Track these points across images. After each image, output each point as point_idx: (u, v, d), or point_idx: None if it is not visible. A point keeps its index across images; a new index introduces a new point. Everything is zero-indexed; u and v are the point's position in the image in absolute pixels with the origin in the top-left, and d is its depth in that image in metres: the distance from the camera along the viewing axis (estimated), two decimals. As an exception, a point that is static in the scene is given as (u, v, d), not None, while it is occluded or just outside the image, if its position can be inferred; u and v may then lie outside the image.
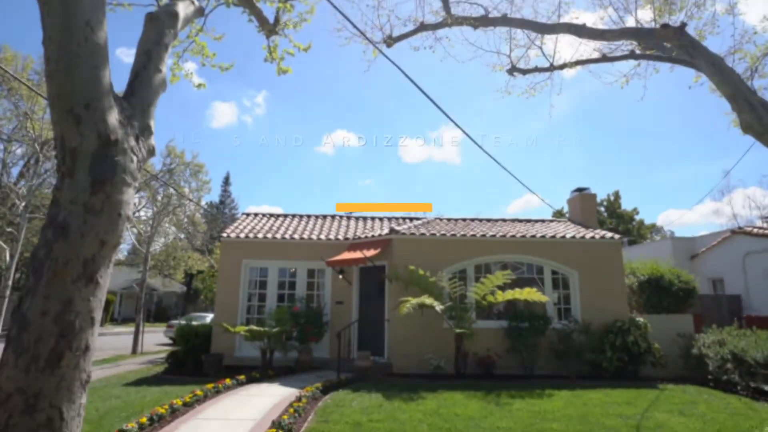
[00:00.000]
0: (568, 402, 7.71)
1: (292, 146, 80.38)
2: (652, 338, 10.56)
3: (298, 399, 7.57)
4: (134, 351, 17.50)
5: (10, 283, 11.75)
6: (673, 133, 71.56)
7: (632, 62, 8.65)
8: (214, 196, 52.01)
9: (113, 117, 3.28)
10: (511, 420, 6.56)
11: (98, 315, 3.07)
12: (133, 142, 3.45)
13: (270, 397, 8.21)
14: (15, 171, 22.04)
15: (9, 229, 15.22)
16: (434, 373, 10.09)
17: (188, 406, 7.44)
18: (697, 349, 10.16)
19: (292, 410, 6.82)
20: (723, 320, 13.61)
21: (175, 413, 6.98)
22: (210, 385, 8.56)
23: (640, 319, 10.83)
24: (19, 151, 18.73)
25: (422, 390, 8.48)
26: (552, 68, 8.47)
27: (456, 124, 6.93)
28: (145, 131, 3.64)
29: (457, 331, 10.08)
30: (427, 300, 9.92)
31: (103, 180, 3.16)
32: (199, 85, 7.74)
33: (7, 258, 12.00)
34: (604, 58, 8.13)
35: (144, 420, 6.31)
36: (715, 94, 8.39)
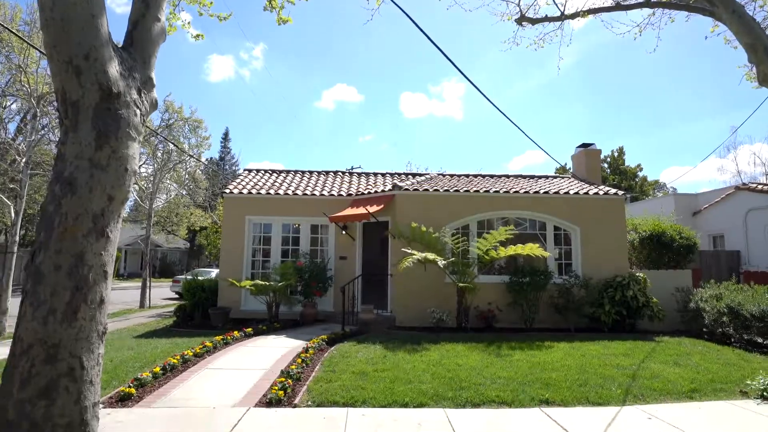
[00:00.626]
0: (567, 353, 7.94)
1: (292, 101, 78.76)
2: (651, 293, 10.75)
3: (305, 350, 7.80)
4: (142, 305, 17.94)
5: (17, 239, 11.84)
6: (679, 89, 69.90)
7: (647, 11, 8.29)
8: (213, 152, 51.67)
9: (114, 68, 3.18)
10: (512, 370, 6.79)
11: (110, 269, 3.11)
12: (135, 95, 3.37)
13: (277, 348, 8.46)
14: (12, 127, 21.74)
15: (12, 186, 15.21)
16: (436, 326, 10.35)
17: (199, 356, 7.68)
18: (695, 303, 10.36)
19: (299, 360, 7.05)
20: (722, 275, 13.81)
21: (186, 363, 7.23)
22: (219, 337, 8.82)
23: (640, 275, 10.99)
24: (14, 107, 18.38)
25: (425, 342, 8.72)
26: (563, 17, 8.12)
27: (462, 73, 6.74)
28: (146, 83, 3.55)
29: (460, 285, 10.25)
30: (430, 255, 10.02)
31: (107, 134, 3.11)
32: (197, 36, 7.47)
33: (12, 214, 12.04)
34: (618, 6, 7.78)
35: (157, 370, 6.54)
36: (729, 45, 8.12)
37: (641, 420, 5.02)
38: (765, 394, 5.72)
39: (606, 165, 39.55)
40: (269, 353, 8.04)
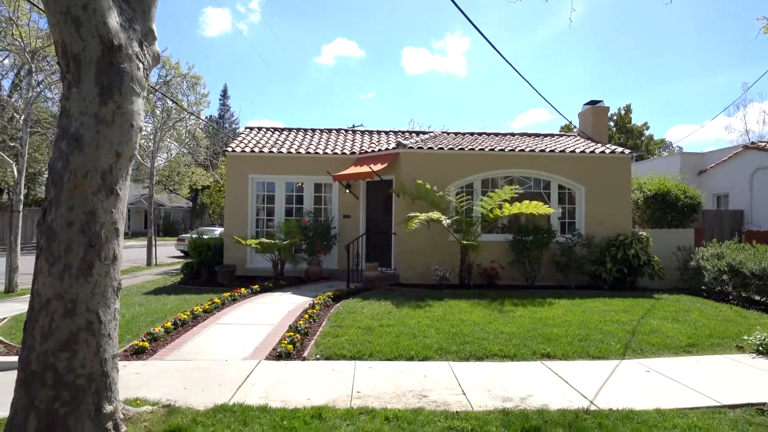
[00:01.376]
0: (568, 310, 8.11)
1: (291, 57, 76.74)
2: (653, 252, 10.83)
3: (312, 306, 7.97)
4: (149, 263, 18.19)
5: (21, 197, 11.85)
6: (690, 43, 67.67)
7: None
8: (213, 110, 50.94)
9: (113, 19, 3.07)
10: (514, 325, 6.95)
11: (121, 226, 3.12)
12: (137, 48, 3.26)
13: (284, 304, 8.65)
14: (6, 84, 21.32)
15: (12, 144, 15.07)
16: (439, 284, 10.52)
17: (208, 312, 7.87)
18: (696, 262, 10.46)
19: (307, 316, 7.22)
20: (724, 235, 13.87)
21: (196, 319, 7.42)
22: (227, 294, 9.00)
23: (643, 234, 11.02)
24: (6, 62, 17.92)
25: (429, 299, 8.89)
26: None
27: (469, 20, 6.50)
28: (148, 36, 3.43)
29: (464, 243, 10.33)
30: (434, 215, 10.05)
31: (111, 89, 3.03)
32: (195, -14, 7.16)
33: (15, 173, 11.99)
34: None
35: (169, 325, 6.72)
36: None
37: (639, 372, 5.17)
38: (761, 348, 5.87)
39: (612, 123, 38.93)
40: (276, 309, 8.23)
